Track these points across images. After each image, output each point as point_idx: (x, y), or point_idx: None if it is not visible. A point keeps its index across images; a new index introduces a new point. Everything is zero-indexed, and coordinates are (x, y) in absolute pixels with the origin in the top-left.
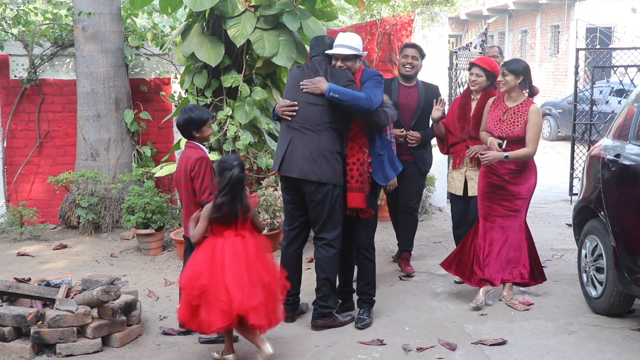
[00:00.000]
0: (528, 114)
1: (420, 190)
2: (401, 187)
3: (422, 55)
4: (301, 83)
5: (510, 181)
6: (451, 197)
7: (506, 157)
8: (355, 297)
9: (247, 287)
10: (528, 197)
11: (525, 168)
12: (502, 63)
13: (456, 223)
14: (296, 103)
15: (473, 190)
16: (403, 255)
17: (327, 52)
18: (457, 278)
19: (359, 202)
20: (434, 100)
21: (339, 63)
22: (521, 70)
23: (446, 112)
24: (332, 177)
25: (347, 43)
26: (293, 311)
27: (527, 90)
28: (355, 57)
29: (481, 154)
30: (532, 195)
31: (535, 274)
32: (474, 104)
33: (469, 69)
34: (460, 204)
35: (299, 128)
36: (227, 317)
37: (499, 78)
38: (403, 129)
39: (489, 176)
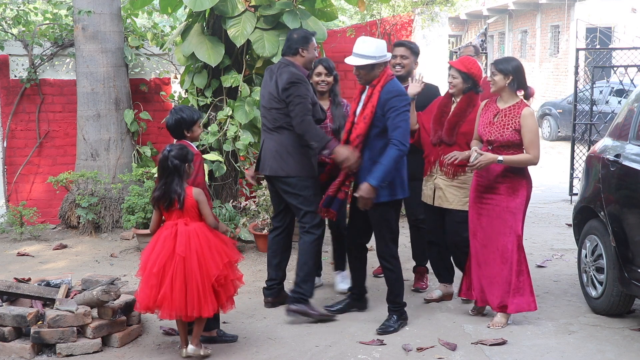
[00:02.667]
0: (520, 119)
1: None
2: (405, 199)
3: (415, 53)
4: (360, 207)
5: (500, 193)
6: (424, 205)
7: (500, 160)
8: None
9: (158, 284)
10: (519, 212)
11: (516, 180)
12: (490, 62)
13: (429, 236)
14: None
15: (440, 201)
16: (418, 269)
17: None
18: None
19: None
20: (415, 77)
21: (354, 71)
22: (510, 70)
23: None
24: (300, 170)
25: (359, 51)
26: (272, 296)
27: (522, 92)
28: (372, 66)
29: (471, 162)
30: (525, 212)
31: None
32: (453, 108)
33: (448, 70)
34: (432, 215)
35: (267, 130)
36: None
37: (489, 78)
38: None
39: (477, 188)
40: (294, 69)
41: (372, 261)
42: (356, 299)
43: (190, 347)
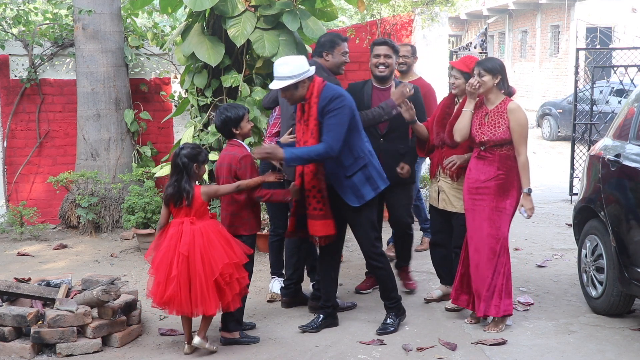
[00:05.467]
0: (508, 113)
1: (409, 203)
2: (389, 204)
3: (396, 52)
4: (255, 152)
5: (491, 193)
6: (430, 208)
7: (529, 190)
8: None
9: (164, 281)
10: (507, 213)
11: (508, 181)
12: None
13: (433, 237)
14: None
15: (444, 204)
16: (403, 269)
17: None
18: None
19: (321, 230)
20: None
21: (281, 95)
22: (498, 69)
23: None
24: None
25: (278, 74)
26: (288, 296)
27: (504, 91)
28: (295, 86)
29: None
30: (513, 214)
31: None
32: (456, 109)
33: (450, 70)
34: (437, 217)
35: None
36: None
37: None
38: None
39: (469, 189)
40: (324, 73)
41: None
42: (330, 315)
43: (197, 338)
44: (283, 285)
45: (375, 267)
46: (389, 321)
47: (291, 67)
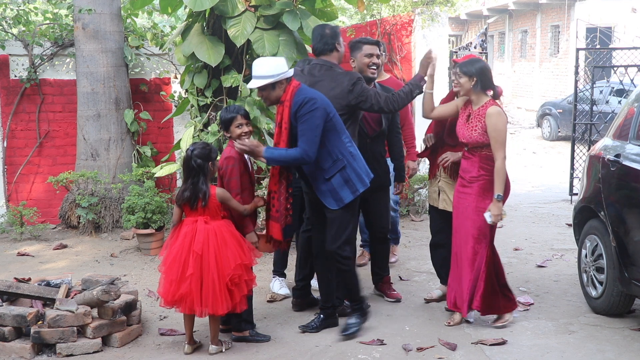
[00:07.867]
0: (485, 118)
1: (387, 207)
2: (371, 208)
3: (384, 52)
4: (237, 145)
5: (473, 193)
6: (430, 208)
7: (499, 196)
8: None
9: (178, 280)
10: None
11: (489, 181)
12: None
13: (433, 238)
14: None
15: (444, 204)
16: (385, 279)
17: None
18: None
19: (275, 233)
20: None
21: (257, 94)
22: (474, 72)
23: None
24: None
25: (257, 73)
26: (300, 297)
27: (491, 92)
28: (272, 86)
29: (491, 222)
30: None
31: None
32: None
33: (452, 68)
34: (438, 217)
35: None
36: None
37: (453, 78)
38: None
39: (457, 188)
40: (339, 69)
41: None
42: (330, 315)
43: (212, 347)
44: (296, 286)
45: (340, 270)
46: (351, 321)
47: (269, 67)
